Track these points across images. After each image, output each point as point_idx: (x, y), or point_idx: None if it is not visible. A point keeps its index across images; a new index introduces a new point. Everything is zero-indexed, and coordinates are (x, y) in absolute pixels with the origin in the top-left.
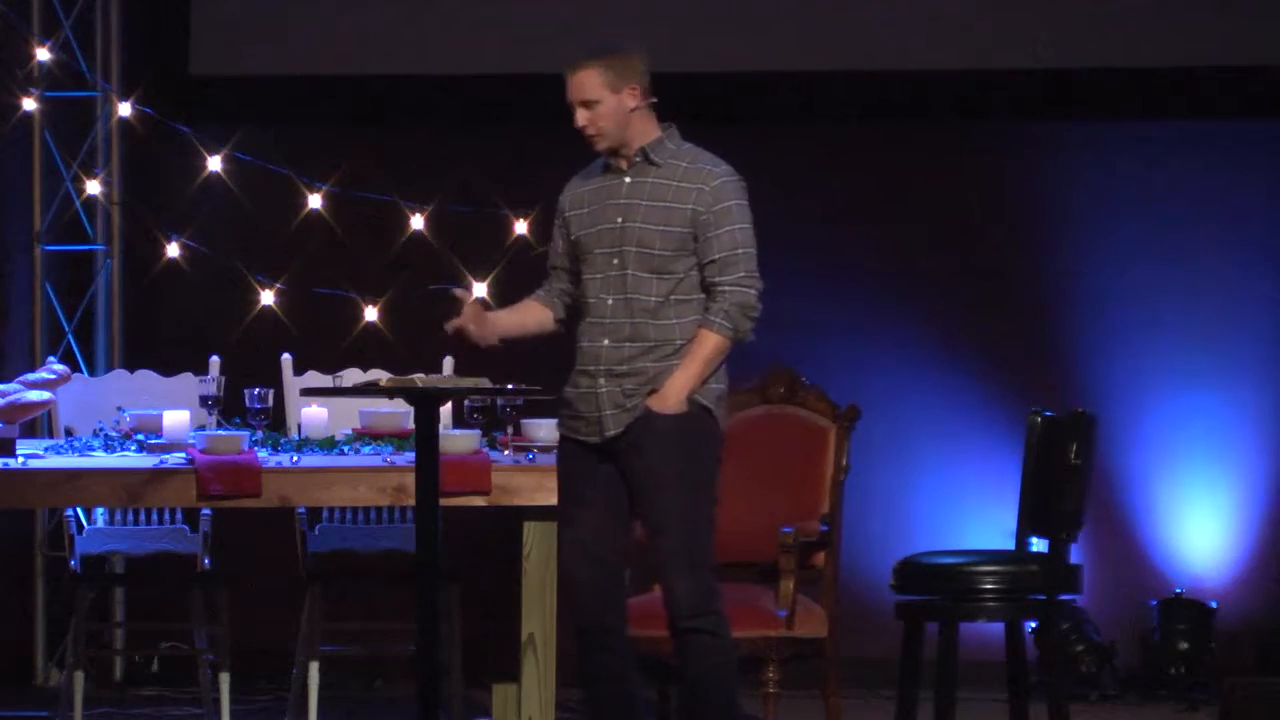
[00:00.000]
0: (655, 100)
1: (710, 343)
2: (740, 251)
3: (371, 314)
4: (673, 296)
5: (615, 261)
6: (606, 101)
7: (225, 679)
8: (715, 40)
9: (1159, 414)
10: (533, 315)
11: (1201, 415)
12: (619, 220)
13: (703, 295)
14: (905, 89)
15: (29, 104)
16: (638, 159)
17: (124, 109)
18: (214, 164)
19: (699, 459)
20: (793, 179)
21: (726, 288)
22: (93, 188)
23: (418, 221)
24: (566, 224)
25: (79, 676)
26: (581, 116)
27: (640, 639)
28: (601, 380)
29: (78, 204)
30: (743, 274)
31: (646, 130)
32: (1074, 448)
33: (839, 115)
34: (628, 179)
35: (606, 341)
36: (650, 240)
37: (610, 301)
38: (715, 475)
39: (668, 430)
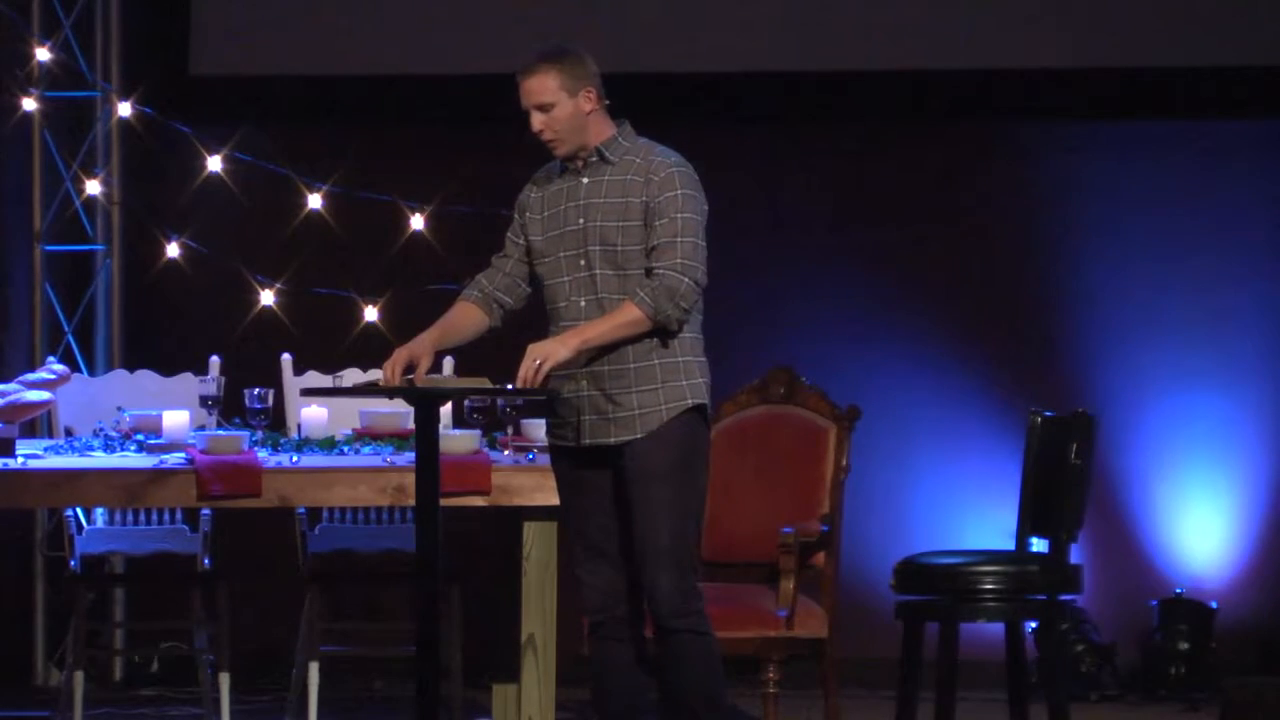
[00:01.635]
0: (609, 102)
1: (626, 313)
2: (680, 240)
3: (371, 314)
4: None
5: (582, 263)
6: (563, 105)
7: (225, 679)
8: (718, 40)
9: (1159, 414)
10: (470, 324)
11: (1201, 415)
12: (580, 221)
13: None
14: (904, 89)
15: (29, 104)
16: (593, 159)
17: (124, 109)
18: (214, 164)
19: (690, 458)
20: (792, 180)
21: (661, 270)
22: (93, 188)
23: (418, 221)
24: (526, 225)
25: (79, 676)
26: (537, 120)
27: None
28: (584, 382)
29: (78, 204)
30: (679, 260)
31: (601, 130)
32: (1074, 448)
33: (838, 116)
34: (585, 179)
35: None
36: (611, 237)
37: (583, 303)
38: (705, 475)
39: (660, 431)
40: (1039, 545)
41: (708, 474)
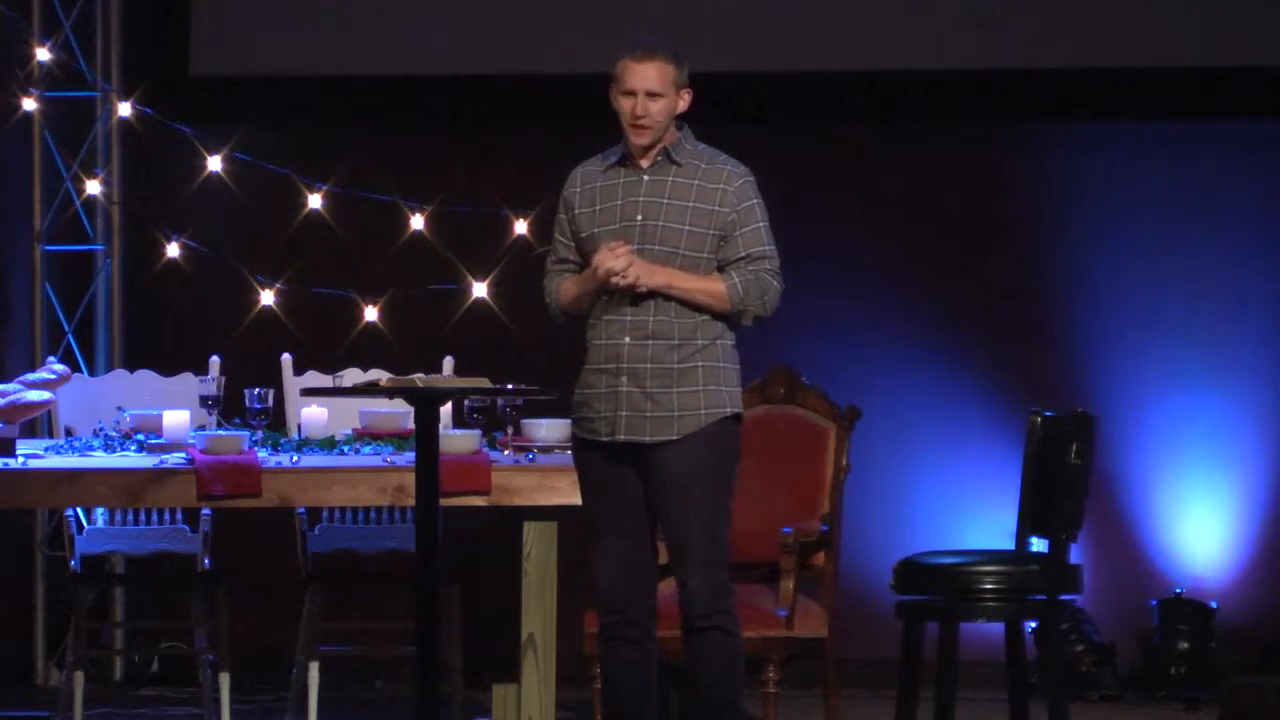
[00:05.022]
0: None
1: (714, 283)
2: (768, 247)
3: (371, 314)
4: None
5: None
6: (669, 98)
7: (225, 679)
8: (719, 40)
9: (1159, 414)
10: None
11: (1201, 415)
12: (638, 218)
13: None
14: (905, 89)
15: (29, 104)
16: (659, 157)
17: (124, 109)
18: (214, 164)
19: (722, 460)
20: (793, 179)
21: (755, 269)
22: (93, 188)
23: (418, 221)
24: (575, 220)
25: (79, 676)
26: (641, 105)
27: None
28: (624, 379)
29: (78, 204)
30: (771, 266)
31: (671, 132)
32: (1074, 448)
33: (840, 116)
34: (647, 177)
35: (628, 339)
36: (674, 239)
37: (631, 298)
38: (735, 476)
39: (698, 436)
40: (1039, 545)
41: (737, 475)
